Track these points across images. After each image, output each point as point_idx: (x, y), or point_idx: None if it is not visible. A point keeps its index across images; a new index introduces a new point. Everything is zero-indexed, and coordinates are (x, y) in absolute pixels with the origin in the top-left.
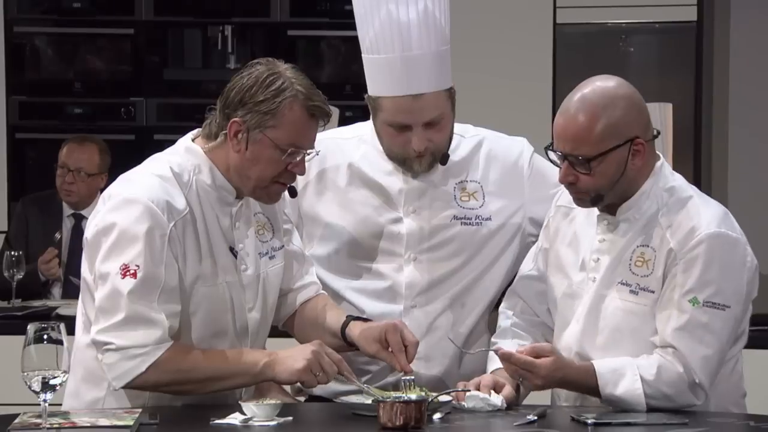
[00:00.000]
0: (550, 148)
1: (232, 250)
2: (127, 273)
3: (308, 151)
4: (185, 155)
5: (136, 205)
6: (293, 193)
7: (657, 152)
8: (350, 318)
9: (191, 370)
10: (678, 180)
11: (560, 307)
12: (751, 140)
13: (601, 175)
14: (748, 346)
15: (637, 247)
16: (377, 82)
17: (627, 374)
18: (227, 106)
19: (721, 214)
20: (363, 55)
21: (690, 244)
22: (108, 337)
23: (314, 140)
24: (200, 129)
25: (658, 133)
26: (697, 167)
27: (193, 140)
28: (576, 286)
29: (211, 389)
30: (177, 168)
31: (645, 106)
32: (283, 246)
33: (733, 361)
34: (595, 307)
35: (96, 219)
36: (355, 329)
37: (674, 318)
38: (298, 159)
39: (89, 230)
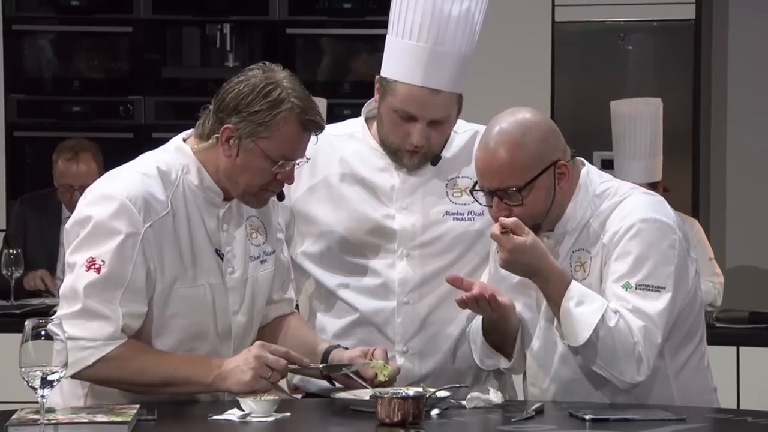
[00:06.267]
0: (476, 189)
1: (218, 252)
2: (92, 267)
3: (298, 161)
4: (175, 154)
5: (113, 202)
6: (281, 196)
7: (580, 159)
8: (332, 347)
9: (140, 372)
10: (608, 182)
11: (522, 325)
12: (749, 138)
13: (533, 204)
14: (743, 344)
15: (574, 252)
16: (399, 67)
17: (595, 305)
18: (221, 110)
19: (650, 202)
20: (390, 37)
21: (618, 235)
22: (63, 324)
23: (305, 150)
24: (194, 129)
25: (575, 153)
26: (696, 166)
27: (185, 140)
28: (533, 303)
29: (160, 393)
30: (165, 166)
31: (559, 131)
32: (275, 251)
33: (698, 356)
34: (550, 321)
35: (75, 211)
36: (337, 353)
37: (612, 303)
38: (287, 169)
39: (68, 222)
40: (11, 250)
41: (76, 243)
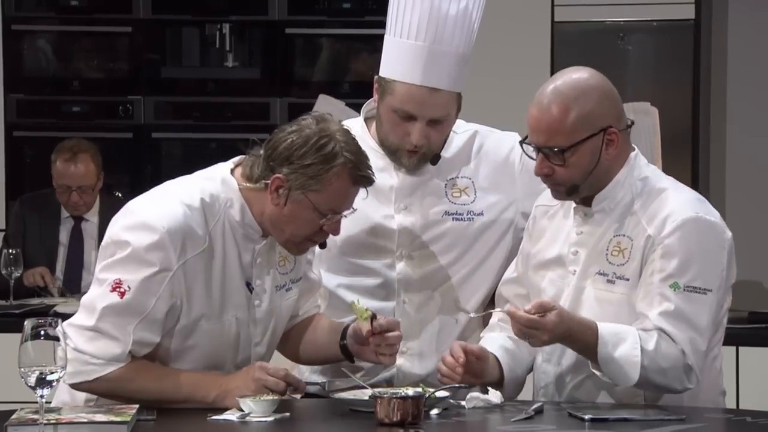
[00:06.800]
0: (526, 141)
1: (248, 285)
2: (117, 289)
3: (345, 213)
4: (221, 186)
5: (152, 234)
6: (323, 245)
7: (632, 144)
8: (349, 323)
9: (140, 392)
10: (652, 170)
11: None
12: (749, 138)
13: (576, 166)
14: (743, 344)
15: (614, 236)
16: (398, 66)
17: (628, 340)
18: (272, 159)
19: (696, 199)
20: (389, 37)
21: (667, 230)
22: (73, 332)
23: (353, 202)
24: (241, 157)
25: (632, 123)
26: (695, 165)
27: (232, 170)
28: (558, 280)
29: (163, 407)
30: (209, 198)
31: (617, 96)
32: (301, 278)
33: (711, 357)
34: (575, 299)
35: (113, 229)
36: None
37: (656, 304)
38: (334, 221)
39: (106, 237)
40: (11, 250)
41: (109, 261)
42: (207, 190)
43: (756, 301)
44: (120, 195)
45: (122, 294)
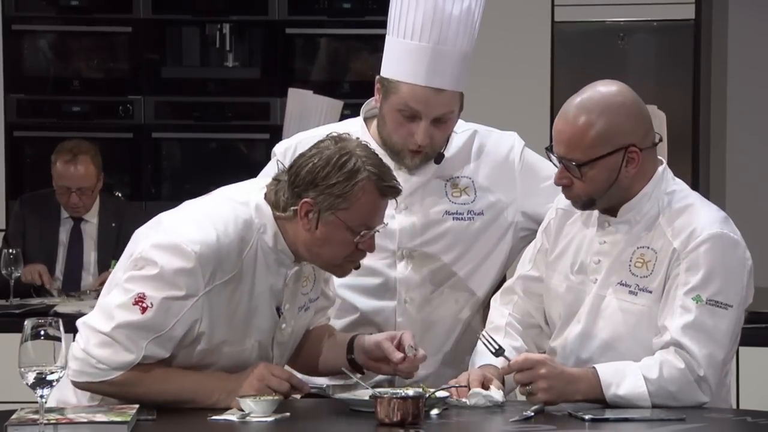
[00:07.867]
0: (551, 149)
1: (278, 309)
2: (140, 303)
3: (378, 228)
4: (255, 212)
5: (183, 259)
6: (358, 266)
7: (659, 157)
8: (354, 336)
9: (143, 395)
10: (680, 185)
11: (561, 308)
12: (749, 138)
13: (592, 181)
14: (743, 344)
15: (638, 248)
16: (401, 67)
17: (629, 374)
18: (297, 185)
19: (722, 216)
20: (390, 37)
21: (693, 244)
22: (87, 332)
23: (384, 217)
24: (270, 179)
25: (660, 139)
26: (695, 165)
27: (265, 194)
28: (577, 287)
29: (166, 406)
30: (243, 225)
31: (645, 114)
32: (318, 297)
33: (723, 373)
34: (595, 308)
35: (143, 244)
36: (360, 340)
37: (677, 315)
38: (368, 238)
39: (136, 246)
40: (11, 250)
41: (137, 274)
42: (241, 216)
43: (756, 301)
44: (120, 195)
45: (144, 309)
